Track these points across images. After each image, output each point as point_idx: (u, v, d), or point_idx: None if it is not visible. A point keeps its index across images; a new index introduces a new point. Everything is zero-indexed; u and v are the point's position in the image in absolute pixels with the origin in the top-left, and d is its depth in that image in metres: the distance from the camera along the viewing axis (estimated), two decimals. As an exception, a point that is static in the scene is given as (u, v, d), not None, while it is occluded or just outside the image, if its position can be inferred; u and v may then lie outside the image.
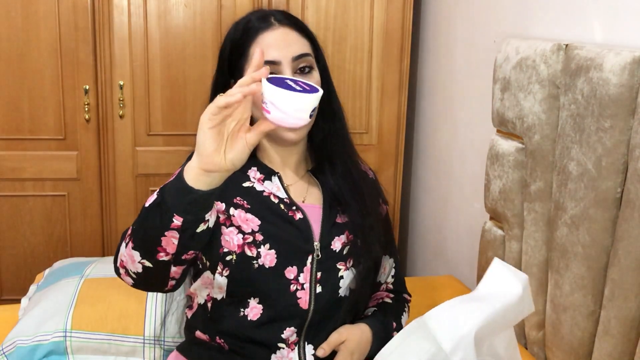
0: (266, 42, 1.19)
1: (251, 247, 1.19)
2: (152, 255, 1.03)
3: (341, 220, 1.28)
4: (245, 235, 1.20)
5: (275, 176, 1.26)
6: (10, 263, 2.37)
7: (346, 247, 1.26)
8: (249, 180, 1.25)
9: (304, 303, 1.21)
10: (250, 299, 1.21)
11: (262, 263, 1.19)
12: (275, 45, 1.18)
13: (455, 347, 1.00)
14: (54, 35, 2.21)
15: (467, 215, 2.14)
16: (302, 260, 1.22)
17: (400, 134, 2.46)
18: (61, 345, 1.50)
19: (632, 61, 1.20)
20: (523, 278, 1.09)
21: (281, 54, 1.18)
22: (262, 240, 1.20)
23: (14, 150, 2.28)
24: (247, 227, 1.20)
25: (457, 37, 2.21)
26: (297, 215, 1.24)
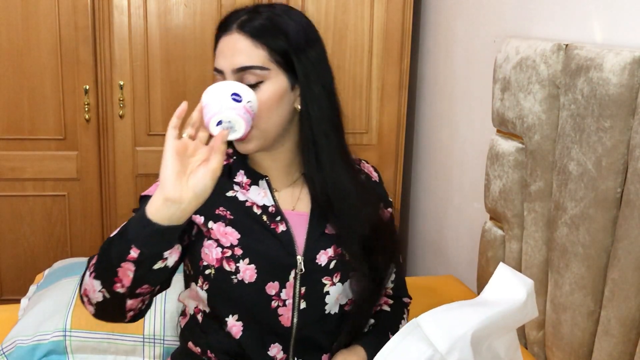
0: (219, 48, 1.14)
1: (230, 262, 1.14)
2: (109, 285, 1.01)
3: (330, 231, 1.20)
4: (224, 249, 1.14)
5: (263, 180, 1.21)
6: (10, 263, 2.37)
7: (332, 261, 1.18)
8: (233, 189, 1.19)
9: (286, 320, 1.16)
10: (229, 316, 1.16)
11: (241, 278, 1.14)
12: (222, 54, 1.13)
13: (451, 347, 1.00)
14: (54, 35, 2.21)
15: (467, 215, 2.14)
16: (284, 275, 1.15)
17: (400, 134, 2.46)
18: (61, 345, 1.50)
19: (632, 61, 1.20)
20: (528, 283, 1.09)
21: (224, 64, 1.12)
22: (241, 254, 1.14)
23: (14, 150, 2.28)
24: (226, 240, 1.15)
25: (457, 37, 2.21)
26: (279, 227, 1.17)
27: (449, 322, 1.02)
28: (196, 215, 1.16)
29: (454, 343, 0.99)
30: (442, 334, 1.00)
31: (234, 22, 1.13)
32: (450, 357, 0.99)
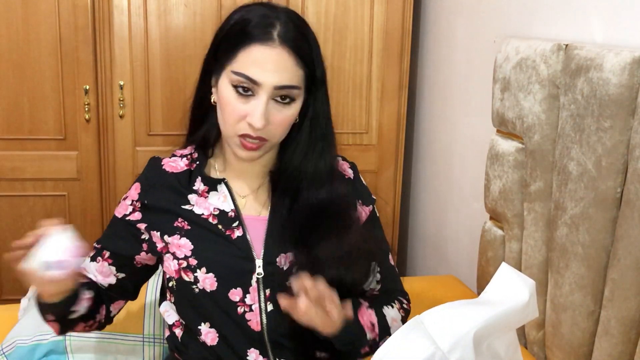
0: (254, 57, 1.08)
1: (187, 272, 1.16)
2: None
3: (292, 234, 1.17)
4: (179, 261, 1.17)
5: (222, 184, 1.20)
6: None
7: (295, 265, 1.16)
8: (189, 203, 1.19)
9: (255, 324, 1.15)
10: (202, 324, 1.18)
11: (202, 287, 1.15)
12: (263, 66, 1.08)
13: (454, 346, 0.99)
14: (54, 35, 2.21)
15: (467, 215, 2.14)
16: (246, 281, 1.15)
17: (400, 134, 2.46)
18: (60, 345, 1.50)
19: (632, 61, 1.20)
20: (530, 283, 1.08)
21: (266, 78, 1.07)
22: (196, 264, 1.15)
23: (14, 150, 2.28)
24: (180, 252, 1.17)
25: (457, 37, 2.21)
26: (235, 233, 1.17)
27: (451, 321, 1.02)
28: (153, 232, 1.21)
29: (457, 341, 0.99)
30: (444, 332, 1.00)
31: (273, 32, 1.09)
32: (452, 356, 0.99)
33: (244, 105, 1.09)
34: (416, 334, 1.01)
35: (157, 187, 1.22)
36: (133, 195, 1.24)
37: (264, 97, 1.08)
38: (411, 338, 1.01)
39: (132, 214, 1.23)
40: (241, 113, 1.10)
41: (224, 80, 1.12)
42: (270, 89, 1.08)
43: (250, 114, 1.09)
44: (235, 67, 1.09)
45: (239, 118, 1.10)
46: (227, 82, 1.11)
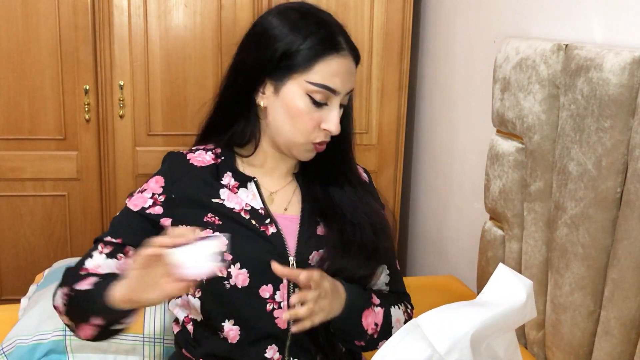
0: (334, 69, 1.13)
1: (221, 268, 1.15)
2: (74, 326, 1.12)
3: (322, 233, 1.21)
4: None
5: (252, 182, 1.21)
6: (10, 263, 2.37)
7: (326, 262, 1.18)
8: (219, 197, 1.19)
9: (282, 323, 1.15)
10: (225, 321, 1.16)
11: (234, 283, 1.14)
12: (341, 76, 1.13)
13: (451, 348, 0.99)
14: (54, 35, 2.21)
15: (467, 215, 2.14)
16: (278, 277, 1.14)
17: (400, 134, 2.46)
18: (61, 344, 1.50)
19: (632, 61, 1.20)
20: (527, 284, 1.09)
21: (343, 87, 1.14)
22: (231, 259, 1.14)
23: (14, 150, 2.28)
24: None
25: (457, 37, 2.21)
26: (270, 229, 1.18)
27: (448, 323, 1.02)
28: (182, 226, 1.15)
29: (454, 343, 0.99)
30: (441, 334, 1.00)
31: (341, 40, 1.15)
32: (449, 358, 0.99)
33: (317, 114, 1.14)
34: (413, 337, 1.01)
35: (184, 180, 1.20)
36: (154, 188, 1.20)
37: (338, 104, 1.15)
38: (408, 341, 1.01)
39: (152, 207, 1.19)
40: (317, 121, 1.14)
41: (295, 90, 1.13)
42: (343, 96, 1.15)
43: (325, 121, 1.14)
44: (312, 78, 1.12)
45: (314, 126, 1.14)
46: (301, 92, 1.13)
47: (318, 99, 1.13)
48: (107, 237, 1.18)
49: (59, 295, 1.12)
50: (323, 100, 1.13)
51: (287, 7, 1.19)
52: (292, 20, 1.14)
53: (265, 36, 1.15)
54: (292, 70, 1.13)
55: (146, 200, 1.19)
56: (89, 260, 1.16)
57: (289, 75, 1.13)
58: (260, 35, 1.16)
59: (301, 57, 1.12)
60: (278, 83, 1.14)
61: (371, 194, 1.32)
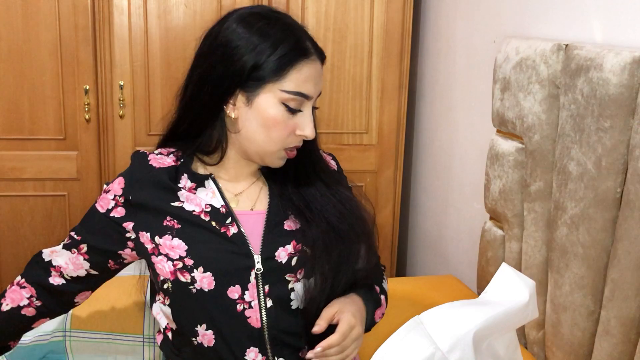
0: (306, 75, 1.12)
1: (184, 273, 1.14)
2: None
3: (289, 227, 1.19)
4: (174, 262, 1.14)
5: (209, 180, 1.20)
6: (10, 263, 2.37)
7: (293, 257, 1.17)
8: (178, 200, 1.17)
9: (255, 321, 1.15)
10: (198, 326, 1.15)
11: (199, 287, 1.13)
12: (312, 80, 1.13)
13: (453, 346, 1.00)
14: (54, 35, 2.21)
15: (467, 215, 2.14)
16: (245, 277, 1.14)
17: (400, 134, 2.46)
18: (60, 345, 1.50)
19: (632, 61, 1.20)
20: (530, 284, 1.09)
21: (315, 91, 1.15)
22: (192, 264, 1.13)
23: (14, 150, 2.28)
24: (174, 253, 1.14)
25: (457, 37, 2.21)
26: (231, 229, 1.16)
27: (451, 321, 1.02)
28: (142, 232, 1.17)
29: (456, 342, 0.99)
30: (444, 332, 1.00)
31: (309, 44, 1.14)
32: (451, 356, 0.99)
33: (292, 121, 1.14)
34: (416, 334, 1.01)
35: (143, 183, 1.19)
36: (116, 190, 1.20)
37: (311, 109, 1.16)
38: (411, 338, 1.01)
39: (115, 209, 1.19)
40: (292, 128, 1.14)
41: (269, 99, 1.12)
42: (314, 99, 1.16)
43: (300, 127, 1.15)
44: (286, 86, 1.11)
45: (289, 133, 1.14)
46: (276, 101, 1.12)
47: (293, 106, 1.12)
48: (72, 232, 1.24)
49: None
50: (297, 107, 1.13)
51: (248, 13, 1.15)
52: (258, 29, 1.12)
53: (230, 47, 1.12)
54: (265, 80, 1.11)
55: (109, 202, 1.20)
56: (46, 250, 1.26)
57: (262, 86, 1.11)
58: (225, 47, 1.13)
59: (273, 67, 1.10)
60: (250, 94, 1.12)
61: (340, 182, 1.30)
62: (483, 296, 1.10)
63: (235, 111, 1.14)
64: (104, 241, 1.21)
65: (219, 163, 1.21)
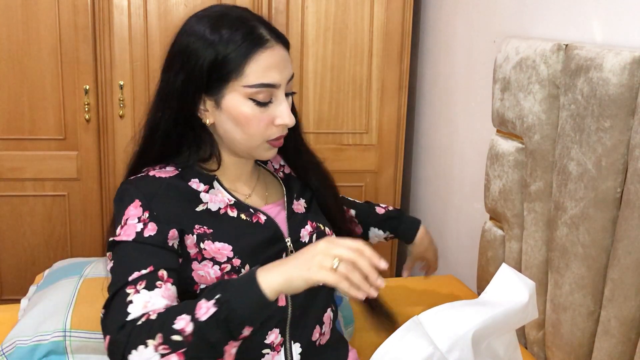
0: (265, 64, 1.09)
1: (232, 275, 1.10)
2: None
3: (298, 210, 1.24)
4: (222, 265, 1.10)
5: (215, 181, 1.18)
6: (10, 263, 2.37)
7: (313, 235, 1.22)
8: (202, 202, 1.14)
9: (281, 301, 1.15)
10: None
11: None
12: (276, 68, 1.10)
13: (452, 346, 0.99)
14: (54, 35, 2.21)
15: (467, 215, 2.14)
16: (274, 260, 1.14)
17: (400, 134, 2.46)
18: (61, 345, 1.50)
19: (632, 61, 1.20)
20: (530, 285, 1.08)
21: (282, 78, 1.11)
22: (240, 263, 1.11)
23: (14, 150, 2.28)
24: (222, 256, 1.10)
25: (457, 37, 2.21)
26: (261, 217, 1.17)
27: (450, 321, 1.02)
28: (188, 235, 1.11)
29: (455, 342, 0.99)
30: (443, 332, 1.00)
31: (268, 33, 1.10)
32: (450, 356, 0.99)
33: (266, 113, 1.11)
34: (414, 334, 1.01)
35: (159, 196, 1.11)
36: (136, 213, 1.09)
37: (283, 96, 1.12)
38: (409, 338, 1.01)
39: (145, 229, 1.08)
40: (268, 120, 1.12)
41: (236, 98, 1.10)
42: (285, 85, 1.12)
43: (278, 117, 1.12)
44: (248, 80, 1.08)
45: (266, 126, 1.12)
46: (242, 98, 1.10)
47: (261, 99, 1.10)
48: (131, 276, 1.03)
49: (146, 349, 0.96)
50: (267, 99, 1.10)
51: (199, 15, 1.14)
52: (208, 28, 1.10)
53: (186, 53, 1.11)
54: (226, 79, 1.09)
55: (136, 226, 1.08)
56: (132, 307, 1.00)
57: (225, 86, 1.10)
58: (182, 54, 1.12)
59: (230, 64, 1.08)
60: (216, 97, 1.11)
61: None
62: (483, 296, 1.10)
63: (209, 116, 1.14)
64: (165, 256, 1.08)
65: (219, 169, 1.19)
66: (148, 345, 0.95)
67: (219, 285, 0.99)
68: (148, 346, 0.95)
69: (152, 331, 0.96)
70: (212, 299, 0.97)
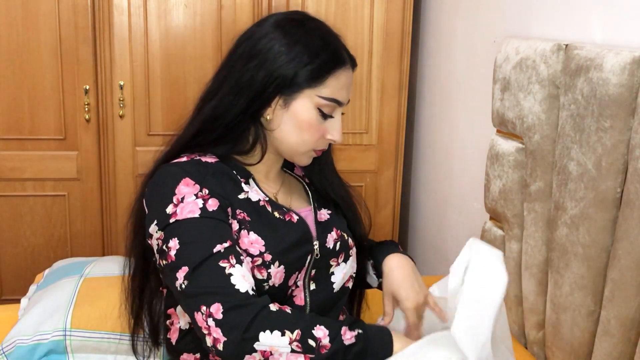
0: (342, 82, 1.18)
1: (261, 270, 1.12)
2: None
3: (324, 218, 1.27)
4: (254, 258, 1.12)
5: (250, 177, 1.21)
6: (10, 263, 2.37)
7: (337, 242, 1.24)
8: (243, 190, 1.18)
9: (300, 300, 1.18)
10: None
11: (272, 284, 1.13)
12: (346, 88, 1.19)
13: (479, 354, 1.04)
14: (54, 35, 2.21)
15: (467, 215, 2.14)
16: (303, 263, 1.18)
17: (400, 134, 2.46)
18: (61, 345, 1.50)
19: (632, 61, 1.20)
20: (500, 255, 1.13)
21: (347, 98, 1.20)
22: (271, 259, 1.12)
23: (14, 150, 2.28)
24: (254, 249, 1.12)
25: (457, 37, 2.21)
26: (294, 217, 1.20)
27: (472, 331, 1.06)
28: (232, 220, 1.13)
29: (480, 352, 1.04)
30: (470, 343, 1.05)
31: (344, 53, 1.21)
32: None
33: (323, 125, 1.18)
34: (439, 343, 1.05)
35: (208, 175, 1.14)
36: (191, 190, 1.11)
37: (340, 114, 1.20)
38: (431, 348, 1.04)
39: (206, 203, 1.10)
40: (322, 132, 1.19)
41: (306, 104, 1.16)
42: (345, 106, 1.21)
43: (330, 132, 1.19)
44: (324, 92, 1.15)
45: (320, 137, 1.19)
46: (311, 106, 1.16)
47: (326, 111, 1.17)
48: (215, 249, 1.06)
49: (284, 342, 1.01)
50: (330, 113, 1.18)
51: (287, 20, 1.19)
52: (299, 38, 1.15)
53: (272, 54, 1.14)
54: (304, 86, 1.15)
55: (196, 202, 1.09)
56: (234, 279, 1.04)
57: (300, 91, 1.15)
58: (267, 53, 1.15)
59: (313, 74, 1.15)
60: (288, 98, 1.16)
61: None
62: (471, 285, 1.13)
63: (271, 113, 1.18)
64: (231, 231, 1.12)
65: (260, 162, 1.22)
66: (285, 335, 1.01)
67: (359, 323, 1.08)
68: (285, 335, 1.01)
69: (291, 324, 1.02)
70: (354, 330, 1.05)
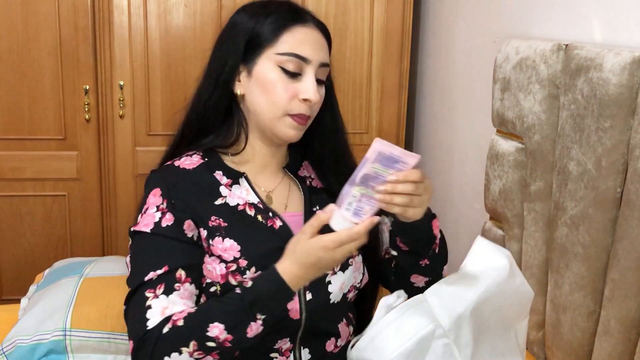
0: (300, 37, 1.14)
1: (235, 275, 1.10)
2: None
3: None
4: (227, 264, 1.10)
5: (242, 178, 1.19)
6: (10, 263, 2.37)
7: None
8: (221, 196, 1.16)
9: (295, 313, 1.14)
10: None
11: None
12: (309, 44, 1.15)
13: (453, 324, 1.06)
14: (54, 35, 2.21)
15: (467, 215, 2.14)
16: None
17: (400, 134, 2.46)
18: (61, 344, 1.50)
19: (632, 61, 1.20)
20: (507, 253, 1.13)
21: (314, 55, 1.14)
22: (246, 265, 1.10)
23: (14, 150, 2.28)
24: (228, 255, 1.11)
25: (457, 37, 2.21)
26: (276, 222, 1.16)
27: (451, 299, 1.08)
28: (201, 229, 1.13)
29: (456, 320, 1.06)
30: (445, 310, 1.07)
31: (308, 15, 1.18)
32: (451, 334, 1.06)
33: (292, 85, 1.14)
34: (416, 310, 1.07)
35: (180, 185, 1.15)
36: (155, 201, 1.13)
37: (312, 74, 1.15)
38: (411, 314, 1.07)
39: (163, 218, 1.11)
40: (292, 92, 1.14)
41: (266, 64, 1.14)
42: (316, 66, 1.15)
43: (302, 91, 1.14)
44: (280, 49, 1.13)
45: (290, 97, 1.14)
46: (272, 65, 1.14)
47: (290, 68, 1.13)
48: (147, 277, 1.06)
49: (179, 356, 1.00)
50: (296, 70, 1.14)
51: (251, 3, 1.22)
52: (256, 7, 1.19)
53: (232, 30, 1.19)
54: (261, 47, 1.15)
55: (154, 216, 1.12)
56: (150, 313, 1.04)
57: (259, 54, 1.15)
58: (229, 30, 1.20)
59: (267, 33, 1.14)
60: (250, 64, 1.16)
61: None
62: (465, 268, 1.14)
63: (241, 87, 1.18)
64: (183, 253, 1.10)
65: (243, 150, 1.21)
66: (182, 353, 1.00)
67: (249, 290, 1.03)
68: (182, 353, 1.00)
69: (184, 339, 1.00)
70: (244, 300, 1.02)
